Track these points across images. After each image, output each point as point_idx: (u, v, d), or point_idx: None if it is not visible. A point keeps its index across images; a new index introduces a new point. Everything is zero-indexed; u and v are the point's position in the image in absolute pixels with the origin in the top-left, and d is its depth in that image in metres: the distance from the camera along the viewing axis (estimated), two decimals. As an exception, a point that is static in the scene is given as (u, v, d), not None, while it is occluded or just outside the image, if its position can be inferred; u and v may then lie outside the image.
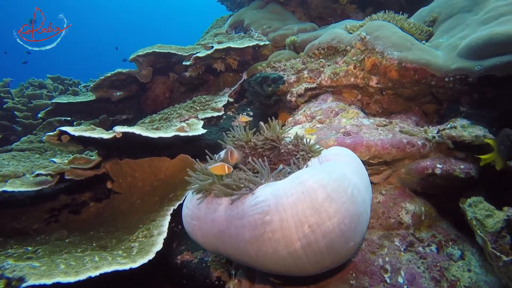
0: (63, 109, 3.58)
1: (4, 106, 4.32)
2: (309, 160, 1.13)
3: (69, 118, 3.72)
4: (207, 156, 1.21)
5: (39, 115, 3.74)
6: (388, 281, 1.22)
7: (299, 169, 1.07)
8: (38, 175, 1.84)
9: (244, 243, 0.93)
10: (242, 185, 0.99)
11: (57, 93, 5.01)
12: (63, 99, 3.55)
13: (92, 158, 2.07)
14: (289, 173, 1.03)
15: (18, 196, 2.22)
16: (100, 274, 1.19)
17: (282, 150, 1.21)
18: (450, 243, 1.35)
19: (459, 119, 1.50)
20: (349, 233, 0.93)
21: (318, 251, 0.91)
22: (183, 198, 1.76)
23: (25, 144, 3.10)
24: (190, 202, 1.11)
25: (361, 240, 1.03)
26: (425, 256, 1.30)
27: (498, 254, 1.09)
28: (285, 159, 1.22)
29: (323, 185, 0.91)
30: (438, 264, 1.27)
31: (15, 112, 4.22)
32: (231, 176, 1.05)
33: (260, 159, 1.10)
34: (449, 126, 1.45)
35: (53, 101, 3.57)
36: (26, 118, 4.16)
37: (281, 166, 1.12)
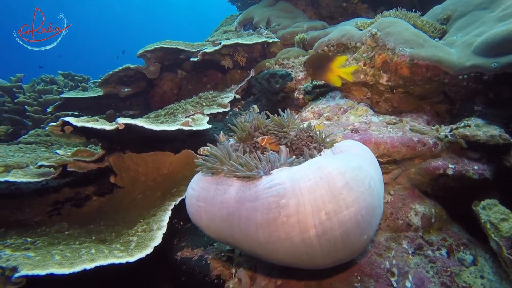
0: (71, 104, 3.60)
1: (15, 101, 4.38)
2: (321, 151, 1.08)
3: (77, 113, 3.74)
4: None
5: (48, 110, 3.76)
6: (395, 285, 1.17)
7: (312, 158, 1.02)
8: (41, 166, 1.83)
9: (255, 227, 0.87)
10: (256, 167, 0.93)
11: (67, 89, 5.06)
12: (72, 94, 3.56)
13: (96, 151, 2.06)
14: (303, 161, 0.99)
15: (24, 188, 2.22)
16: (96, 267, 1.16)
17: (295, 136, 1.15)
18: (462, 247, 1.28)
19: (473, 118, 1.43)
20: (364, 225, 0.89)
21: (332, 241, 0.86)
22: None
23: (33, 137, 3.11)
24: (197, 183, 1.04)
25: (373, 235, 0.98)
26: (434, 260, 1.24)
27: (514, 259, 1.03)
28: (296, 147, 1.16)
29: (342, 173, 0.87)
30: (448, 269, 1.21)
31: (26, 106, 4.27)
32: (241, 158, 0.99)
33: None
34: (462, 124, 1.38)
35: (62, 96, 3.59)
36: (35, 112, 4.19)
37: (293, 157, 1.07)
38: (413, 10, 2.09)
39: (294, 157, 1.07)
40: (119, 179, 2.08)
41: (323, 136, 1.12)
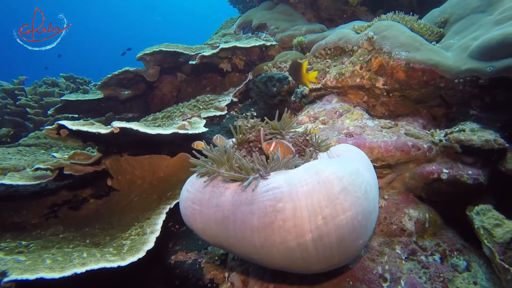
0: (72, 106, 3.61)
1: (17, 103, 4.40)
2: (317, 154, 1.08)
3: (77, 116, 3.75)
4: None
5: (49, 112, 3.78)
6: (386, 290, 1.15)
7: (308, 161, 1.01)
8: (37, 169, 1.84)
9: (250, 231, 0.86)
10: (252, 170, 0.92)
11: (68, 91, 5.08)
12: (72, 97, 3.57)
13: (93, 154, 2.06)
14: (301, 162, 0.98)
15: (22, 190, 2.23)
16: (87, 271, 1.16)
17: (290, 139, 1.15)
18: (456, 253, 1.27)
19: (468, 123, 1.42)
20: (360, 230, 0.88)
21: (328, 246, 0.85)
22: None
23: (32, 140, 3.13)
24: (192, 185, 1.03)
25: (368, 240, 0.97)
26: (427, 266, 1.23)
27: (507, 266, 1.02)
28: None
29: (339, 177, 0.86)
30: (441, 275, 1.20)
31: (27, 108, 4.29)
32: (240, 161, 0.97)
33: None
34: (457, 129, 1.37)
35: (62, 98, 3.60)
36: (36, 115, 4.22)
37: (297, 156, 1.06)
38: (412, 13, 2.08)
39: (297, 155, 1.06)
40: (116, 182, 2.09)
41: (319, 141, 1.12)
